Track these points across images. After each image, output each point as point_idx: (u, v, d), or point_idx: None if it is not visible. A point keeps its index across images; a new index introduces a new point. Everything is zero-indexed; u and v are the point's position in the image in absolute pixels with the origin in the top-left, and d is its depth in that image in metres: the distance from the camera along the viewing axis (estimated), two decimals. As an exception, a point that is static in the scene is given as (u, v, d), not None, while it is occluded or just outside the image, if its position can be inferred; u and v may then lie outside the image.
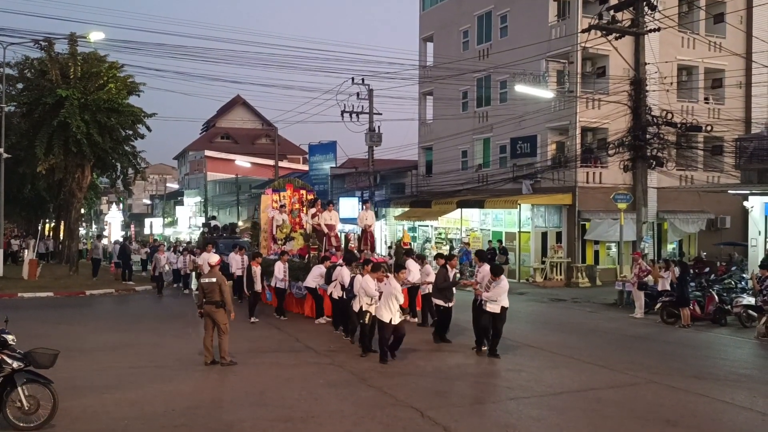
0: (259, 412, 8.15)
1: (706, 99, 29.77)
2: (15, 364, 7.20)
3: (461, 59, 31.83)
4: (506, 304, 11.38)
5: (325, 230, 18.28)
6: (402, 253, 16.93)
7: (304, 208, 20.83)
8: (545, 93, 25.71)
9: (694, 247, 29.45)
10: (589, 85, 27.66)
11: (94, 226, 77.07)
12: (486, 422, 7.97)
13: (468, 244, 28.74)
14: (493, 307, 11.23)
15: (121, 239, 36.70)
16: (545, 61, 27.19)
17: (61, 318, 16.47)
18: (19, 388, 7.17)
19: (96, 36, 24.35)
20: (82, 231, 52.08)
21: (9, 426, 7.17)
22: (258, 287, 15.94)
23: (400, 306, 11.04)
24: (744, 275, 20.64)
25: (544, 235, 28.32)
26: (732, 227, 28.77)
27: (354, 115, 32.05)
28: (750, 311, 15.43)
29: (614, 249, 27.15)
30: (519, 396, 9.17)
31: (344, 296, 13.34)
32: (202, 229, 31.05)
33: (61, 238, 35.97)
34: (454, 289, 13.10)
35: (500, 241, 28.56)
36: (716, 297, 16.53)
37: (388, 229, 37.08)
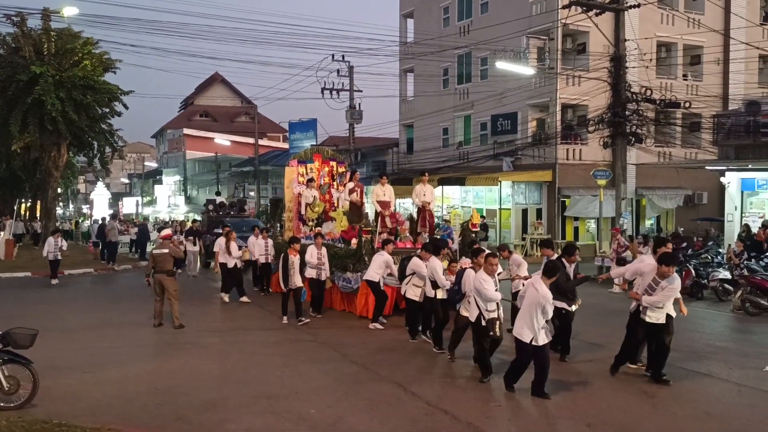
0: (242, 389, 8.16)
1: (684, 76, 29.98)
2: (-7, 345, 7.12)
3: (442, 36, 31.66)
4: (673, 311, 8.42)
5: (379, 208, 15.16)
6: (470, 239, 14.07)
7: (335, 183, 18.06)
8: (526, 70, 25.71)
9: (672, 222, 29.83)
10: (570, 62, 27.71)
11: (71, 205, 76.15)
12: (468, 396, 8.05)
13: (449, 221, 28.81)
14: (656, 316, 8.32)
15: (100, 219, 36.12)
16: (526, 38, 27.16)
17: (40, 298, 16.31)
18: (-2, 369, 7.10)
19: (70, 11, 23.79)
20: (59, 211, 51.44)
21: (-11, 406, 7.11)
22: (298, 281, 12.81)
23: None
24: (720, 250, 20.95)
25: (525, 211, 28.51)
26: (709, 203, 29.16)
27: (334, 93, 31.81)
28: (726, 285, 15.72)
29: (594, 225, 27.42)
30: (501, 371, 9.24)
31: (435, 296, 10.41)
32: (205, 206, 27.53)
33: (38, 217, 35.51)
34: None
35: (483, 217, 28.70)
36: (693, 271, 16.78)
37: (371, 208, 37.04)
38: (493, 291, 8.42)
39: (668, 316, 8.35)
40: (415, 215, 15.99)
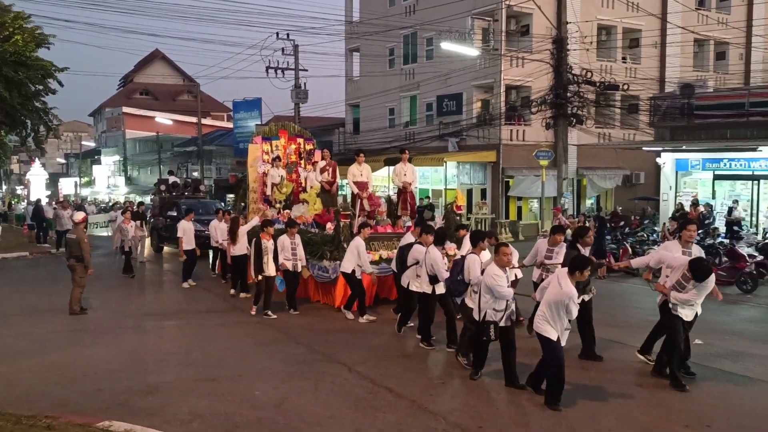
0: (185, 372, 8.07)
1: (623, 58, 30.73)
2: None
3: (388, 15, 31.54)
4: (700, 309, 7.89)
5: (355, 190, 13.68)
6: (456, 222, 12.63)
7: (302, 161, 16.45)
8: (470, 50, 25.87)
9: (611, 202, 30.71)
10: (514, 44, 28.02)
11: (4, 186, 73.20)
12: (412, 374, 8.16)
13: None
14: (686, 313, 7.73)
15: (35, 201, 34.68)
16: (471, 19, 27.30)
17: (-29, 283, 15.70)
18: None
19: (-1, -17, 22.70)
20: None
21: None
22: (271, 270, 11.61)
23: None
24: (656, 228, 21.75)
25: (470, 191, 28.84)
26: (646, 183, 30.13)
27: (279, 72, 31.35)
28: (660, 262, 16.29)
29: (536, 205, 27.98)
30: (446, 349, 9.39)
31: (434, 292, 9.32)
32: (156, 186, 24.66)
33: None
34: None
35: (428, 197, 28.93)
36: (630, 249, 17.36)
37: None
38: (506, 287, 7.54)
39: (696, 314, 7.86)
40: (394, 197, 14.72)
